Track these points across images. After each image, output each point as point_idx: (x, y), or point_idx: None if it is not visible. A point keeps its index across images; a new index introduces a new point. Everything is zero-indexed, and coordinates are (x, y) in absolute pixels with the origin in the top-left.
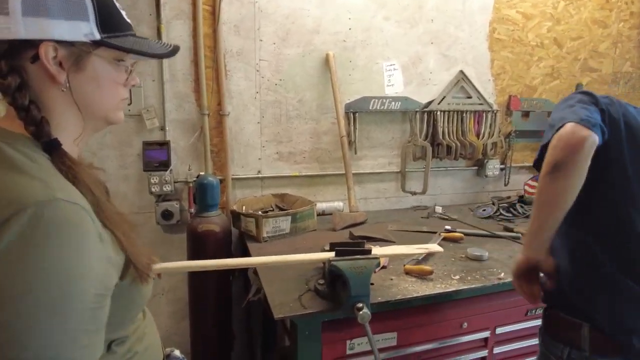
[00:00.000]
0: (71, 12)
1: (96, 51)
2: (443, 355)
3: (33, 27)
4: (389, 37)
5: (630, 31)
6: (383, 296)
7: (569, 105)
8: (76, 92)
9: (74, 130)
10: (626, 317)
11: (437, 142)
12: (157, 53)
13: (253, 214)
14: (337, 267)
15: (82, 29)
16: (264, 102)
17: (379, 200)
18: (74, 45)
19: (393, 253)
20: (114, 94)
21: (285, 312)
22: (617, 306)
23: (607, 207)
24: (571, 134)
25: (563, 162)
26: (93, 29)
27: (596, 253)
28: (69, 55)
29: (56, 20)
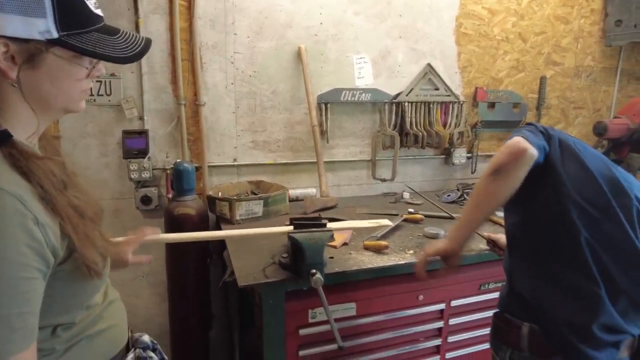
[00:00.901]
0: (26, 7)
1: (52, 49)
2: (402, 325)
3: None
4: (359, 31)
5: (591, 27)
6: (340, 267)
7: (519, 129)
8: (29, 89)
9: (27, 123)
10: (559, 310)
11: (405, 131)
12: (117, 56)
13: (227, 198)
14: (295, 238)
15: (37, 26)
16: (239, 93)
17: (351, 187)
18: (28, 42)
19: (346, 226)
20: (71, 90)
21: (249, 281)
22: (552, 298)
23: (544, 203)
24: (516, 143)
25: (505, 166)
26: (50, 27)
27: (534, 247)
28: (22, 51)
29: (9, 15)
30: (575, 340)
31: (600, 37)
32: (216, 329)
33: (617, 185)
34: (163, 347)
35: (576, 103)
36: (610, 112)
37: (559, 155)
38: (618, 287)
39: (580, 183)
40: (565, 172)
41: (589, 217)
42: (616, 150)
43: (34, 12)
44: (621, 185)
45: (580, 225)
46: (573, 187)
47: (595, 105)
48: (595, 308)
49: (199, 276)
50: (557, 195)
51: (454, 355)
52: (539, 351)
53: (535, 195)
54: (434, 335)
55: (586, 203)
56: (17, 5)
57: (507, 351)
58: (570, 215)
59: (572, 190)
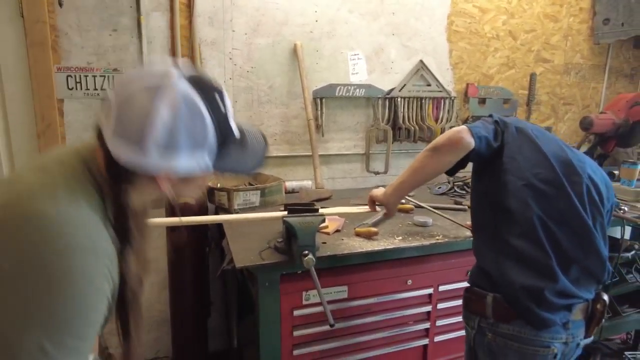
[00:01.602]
0: (195, 143)
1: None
2: (392, 309)
3: (161, 165)
4: (353, 28)
5: (580, 25)
6: (332, 251)
7: (476, 122)
8: (172, 191)
9: (147, 196)
10: (517, 279)
11: (398, 126)
12: (249, 171)
13: (225, 188)
14: (288, 222)
15: (200, 163)
16: (237, 88)
17: (346, 180)
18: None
19: (337, 212)
20: (198, 191)
21: (246, 262)
22: (511, 270)
23: (501, 185)
24: (457, 132)
25: (441, 147)
26: (208, 162)
27: (494, 225)
28: (180, 178)
29: (181, 153)
30: (532, 305)
31: (589, 35)
32: (215, 317)
33: (569, 165)
34: (163, 334)
35: (566, 99)
36: (599, 109)
37: (516, 141)
38: (569, 257)
39: (535, 164)
40: (521, 155)
41: (542, 195)
42: (602, 145)
43: (199, 146)
44: (573, 165)
45: (534, 204)
46: (528, 169)
47: (585, 102)
48: (547, 276)
49: (198, 265)
50: (513, 177)
51: (443, 338)
52: (502, 317)
53: (493, 178)
54: (422, 319)
55: (540, 182)
56: (189, 149)
57: (476, 319)
58: (524, 194)
59: (527, 171)
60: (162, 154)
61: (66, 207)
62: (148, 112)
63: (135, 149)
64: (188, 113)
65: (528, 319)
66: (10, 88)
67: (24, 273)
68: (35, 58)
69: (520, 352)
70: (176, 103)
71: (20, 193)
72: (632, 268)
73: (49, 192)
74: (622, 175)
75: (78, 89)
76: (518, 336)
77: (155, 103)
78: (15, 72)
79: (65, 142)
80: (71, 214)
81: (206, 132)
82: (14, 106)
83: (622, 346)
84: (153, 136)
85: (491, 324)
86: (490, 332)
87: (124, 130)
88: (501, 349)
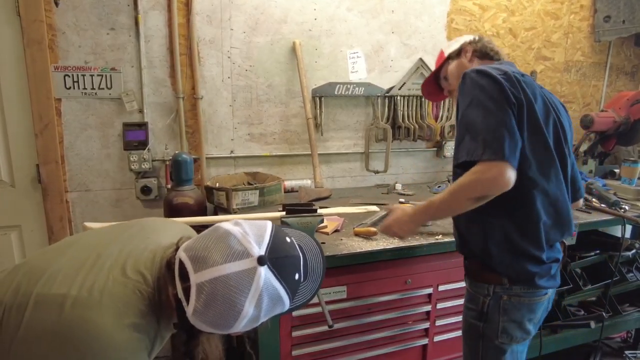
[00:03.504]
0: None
1: None
2: (391, 309)
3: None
4: (352, 26)
5: (580, 23)
6: (331, 251)
7: (485, 109)
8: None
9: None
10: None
11: (397, 124)
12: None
13: (224, 188)
14: (286, 222)
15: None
16: (236, 86)
17: (345, 179)
18: None
19: (336, 212)
20: None
21: None
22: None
23: None
24: (498, 176)
25: (487, 196)
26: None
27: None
28: None
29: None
30: (536, 268)
31: (590, 32)
32: None
33: (547, 107)
34: None
35: (566, 97)
36: (599, 106)
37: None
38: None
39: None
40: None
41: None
42: (603, 143)
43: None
44: (549, 105)
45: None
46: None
47: (585, 100)
48: (546, 240)
49: None
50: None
51: (442, 338)
52: (515, 281)
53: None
54: (422, 319)
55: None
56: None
57: (490, 287)
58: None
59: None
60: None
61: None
62: (237, 312)
63: (218, 330)
64: (270, 303)
65: (535, 278)
66: (7, 87)
67: None
68: (33, 57)
69: (529, 304)
70: (260, 298)
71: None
72: (632, 267)
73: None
74: (623, 173)
75: (76, 89)
76: (527, 292)
77: (242, 302)
78: (13, 72)
79: (64, 141)
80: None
81: (284, 307)
82: (11, 106)
83: (622, 345)
84: (237, 327)
85: (506, 288)
86: (505, 294)
87: (208, 320)
88: (514, 306)
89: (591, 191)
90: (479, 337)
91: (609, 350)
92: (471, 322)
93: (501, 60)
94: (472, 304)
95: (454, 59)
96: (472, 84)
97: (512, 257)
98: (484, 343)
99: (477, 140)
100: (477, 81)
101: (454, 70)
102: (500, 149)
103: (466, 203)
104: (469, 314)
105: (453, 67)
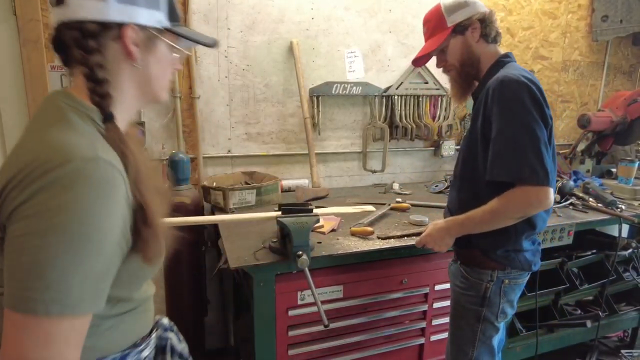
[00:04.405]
0: (151, 2)
1: (163, 36)
2: (387, 308)
3: (122, 12)
4: (349, 26)
5: (578, 22)
6: (327, 251)
7: (529, 128)
8: (145, 70)
9: (127, 109)
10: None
11: (395, 124)
12: (206, 42)
13: (221, 187)
14: (282, 222)
15: (156, 17)
16: (233, 86)
17: (343, 178)
18: (148, 30)
19: (332, 212)
20: (168, 74)
21: (240, 263)
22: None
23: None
24: (544, 199)
25: (530, 214)
26: (163, 18)
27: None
28: (144, 38)
29: (140, 8)
30: (530, 254)
31: (587, 32)
32: (211, 315)
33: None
34: None
35: (564, 97)
36: (597, 106)
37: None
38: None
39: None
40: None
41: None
42: (600, 142)
43: (155, 6)
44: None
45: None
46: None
47: (583, 99)
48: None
49: (194, 264)
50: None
51: (439, 337)
52: (515, 266)
53: None
54: (418, 318)
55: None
56: (145, 1)
57: (494, 273)
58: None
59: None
60: (119, 1)
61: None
62: None
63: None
64: None
65: (532, 265)
66: (3, 87)
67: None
68: (29, 57)
69: (521, 284)
70: None
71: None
72: (629, 266)
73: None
74: (620, 173)
75: None
76: (522, 273)
77: None
78: (9, 71)
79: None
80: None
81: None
82: (7, 105)
83: (618, 344)
84: None
85: (507, 272)
86: (507, 278)
87: None
88: (512, 287)
89: (588, 190)
90: (477, 322)
91: (606, 350)
92: (469, 308)
93: (507, 54)
94: (471, 290)
95: (458, 34)
96: (514, 97)
97: (516, 251)
98: (482, 326)
99: (522, 162)
100: (519, 95)
101: (457, 48)
102: (546, 175)
103: (508, 222)
104: (467, 300)
105: (457, 44)
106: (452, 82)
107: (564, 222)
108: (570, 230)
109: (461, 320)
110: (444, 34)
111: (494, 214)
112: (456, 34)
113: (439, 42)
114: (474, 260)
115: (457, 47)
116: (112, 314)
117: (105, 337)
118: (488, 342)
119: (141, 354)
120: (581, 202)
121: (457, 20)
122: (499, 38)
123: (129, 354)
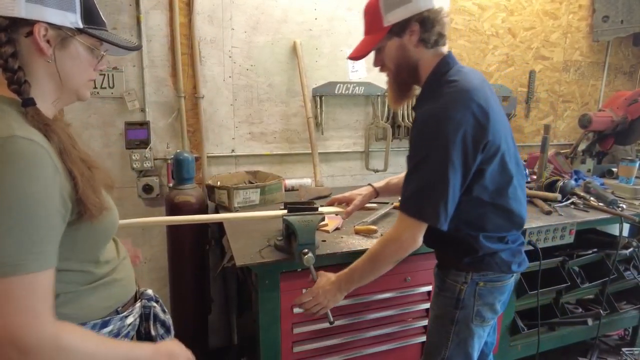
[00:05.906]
0: (63, 4)
1: (78, 37)
2: (390, 306)
3: (32, 10)
4: (352, 26)
5: (579, 22)
6: (332, 249)
7: (439, 167)
8: (58, 65)
9: (49, 96)
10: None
11: (397, 124)
12: (123, 45)
13: (225, 186)
14: (288, 220)
15: (69, 18)
16: (236, 86)
17: (345, 178)
18: (61, 29)
19: (336, 210)
20: (85, 72)
21: (246, 261)
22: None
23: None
24: (408, 243)
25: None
26: (78, 20)
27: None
28: (57, 36)
29: (50, 8)
30: (510, 256)
31: (588, 32)
32: (215, 313)
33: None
34: None
35: (565, 97)
36: (598, 106)
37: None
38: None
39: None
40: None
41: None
42: (601, 142)
43: (68, 8)
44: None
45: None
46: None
47: (583, 99)
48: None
49: (198, 262)
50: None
51: None
52: (491, 268)
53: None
54: (421, 316)
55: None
56: (56, 2)
57: (468, 275)
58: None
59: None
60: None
61: None
62: None
63: None
64: None
65: (511, 265)
66: None
67: None
68: None
69: (500, 287)
70: None
71: None
72: (629, 265)
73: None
74: (621, 172)
75: None
76: (500, 276)
77: None
78: None
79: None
80: None
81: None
82: None
83: (619, 342)
84: None
85: (483, 275)
86: (482, 280)
87: None
88: (488, 290)
89: (589, 190)
90: (451, 323)
91: (606, 348)
92: (445, 310)
93: (446, 57)
94: (447, 292)
95: (395, 36)
96: (437, 133)
97: (490, 254)
98: (456, 328)
99: (417, 196)
100: (443, 132)
101: (392, 51)
102: (433, 214)
103: (389, 266)
104: (443, 302)
105: (392, 47)
106: (389, 85)
107: (565, 221)
108: (572, 229)
109: (437, 321)
110: (379, 34)
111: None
112: (392, 36)
113: (373, 44)
114: (449, 262)
115: (393, 51)
116: (86, 281)
117: (81, 304)
118: (462, 344)
119: (125, 321)
120: (582, 202)
121: (393, 20)
122: (442, 41)
123: (111, 320)
